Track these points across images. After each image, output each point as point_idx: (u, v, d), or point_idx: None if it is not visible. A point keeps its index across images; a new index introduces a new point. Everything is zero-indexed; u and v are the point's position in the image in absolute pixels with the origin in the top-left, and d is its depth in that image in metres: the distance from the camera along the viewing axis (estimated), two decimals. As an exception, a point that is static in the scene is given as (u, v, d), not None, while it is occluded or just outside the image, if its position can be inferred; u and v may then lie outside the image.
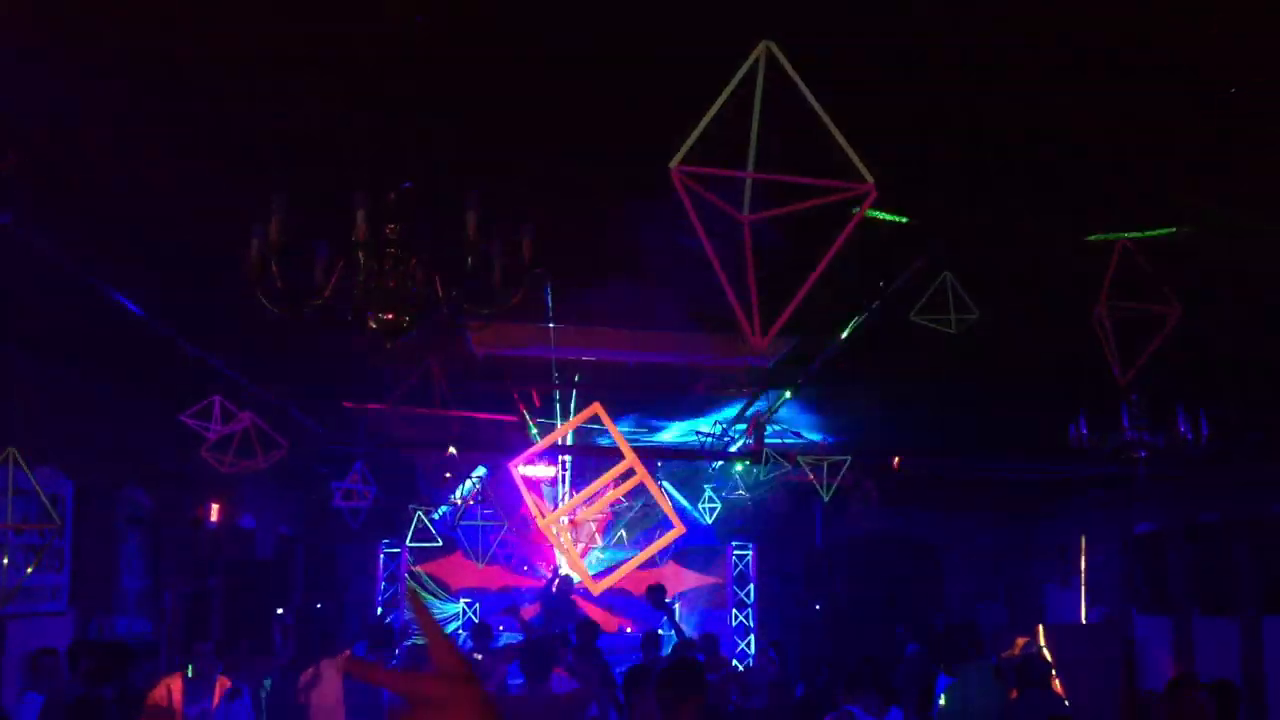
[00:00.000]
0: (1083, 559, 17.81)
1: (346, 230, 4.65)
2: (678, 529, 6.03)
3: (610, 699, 8.67)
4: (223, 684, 8.95)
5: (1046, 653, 9.64)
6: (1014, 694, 8.69)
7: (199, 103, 5.38)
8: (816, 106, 2.97)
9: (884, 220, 4.96)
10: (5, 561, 8.64)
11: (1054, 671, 9.08)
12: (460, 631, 18.52)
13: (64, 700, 8.48)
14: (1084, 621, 17.47)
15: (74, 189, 6.43)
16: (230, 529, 14.74)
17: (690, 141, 2.90)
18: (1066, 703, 9.31)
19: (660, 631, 13.70)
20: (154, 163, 6.11)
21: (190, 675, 8.87)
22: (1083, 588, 17.78)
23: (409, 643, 13.99)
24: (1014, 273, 7.54)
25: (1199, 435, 9.32)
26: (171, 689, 8.66)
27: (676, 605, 18.91)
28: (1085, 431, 9.47)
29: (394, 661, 11.62)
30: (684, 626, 11.06)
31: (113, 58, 4.94)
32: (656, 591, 9.24)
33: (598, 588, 6.35)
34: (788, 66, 2.97)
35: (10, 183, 6.12)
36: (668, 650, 11.77)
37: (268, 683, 11.07)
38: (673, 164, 2.89)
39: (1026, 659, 8.73)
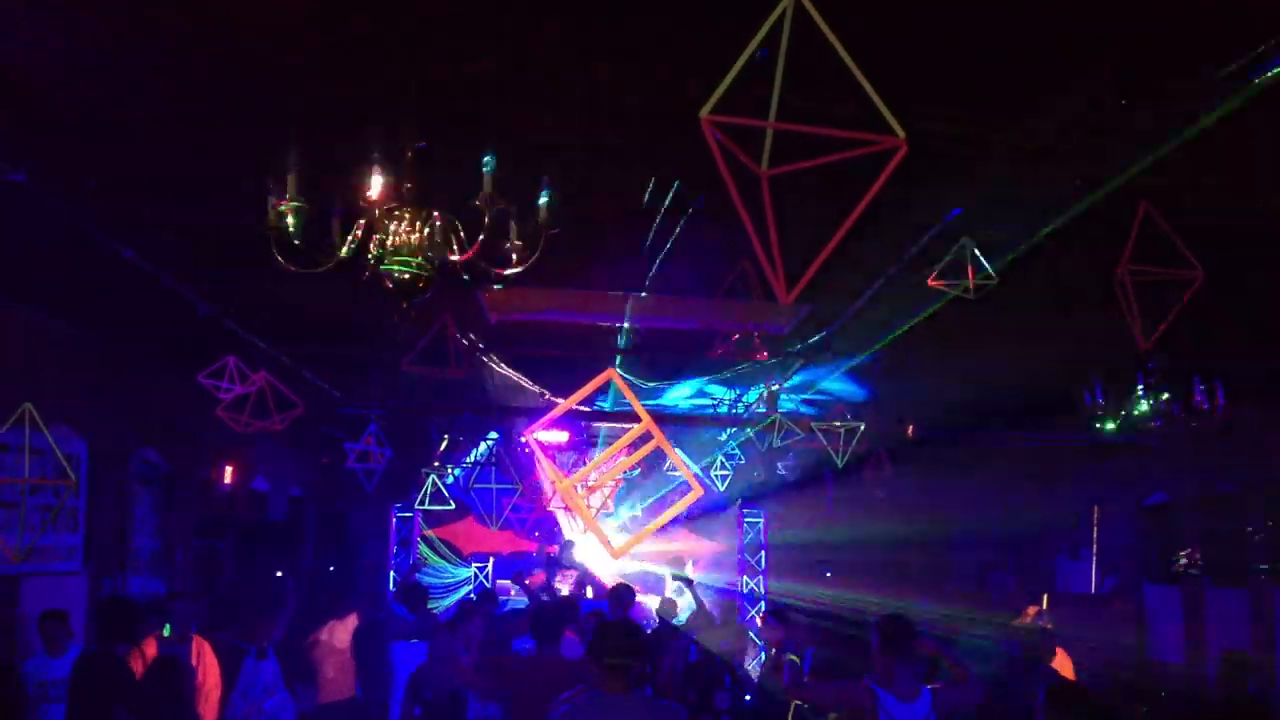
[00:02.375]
0: (1094, 529, 17.77)
1: (364, 190, 4.63)
2: (695, 491, 5.99)
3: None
4: (198, 642, 8.89)
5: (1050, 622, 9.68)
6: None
7: (216, 60, 5.34)
8: (846, 58, 2.93)
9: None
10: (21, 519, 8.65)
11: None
12: (472, 596, 18.58)
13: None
14: (1094, 591, 17.46)
15: (88, 147, 6.40)
16: (243, 490, 14.79)
17: (720, 90, 2.86)
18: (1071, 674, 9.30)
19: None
20: (170, 120, 6.08)
21: (167, 635, 8.79)
22: (1094, 557, 17.76)
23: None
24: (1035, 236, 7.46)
25: (1215, 404, 9.28)
26: (146, 650, 8.58)
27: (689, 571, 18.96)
28: (1100, 399, 9.45)
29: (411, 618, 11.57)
30: (703, 597, 11.05)
31: (127, 12, 4.90)
32: (674, 564, 9.26)
33: (618, 551, 6.33)
34: (817, 16, 2.92)
35: (25, 141, 6.11)
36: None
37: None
38: (703, 113, 2.85)
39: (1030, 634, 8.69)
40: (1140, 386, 9.19)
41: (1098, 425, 9.82)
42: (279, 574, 15.89)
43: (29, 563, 9.52)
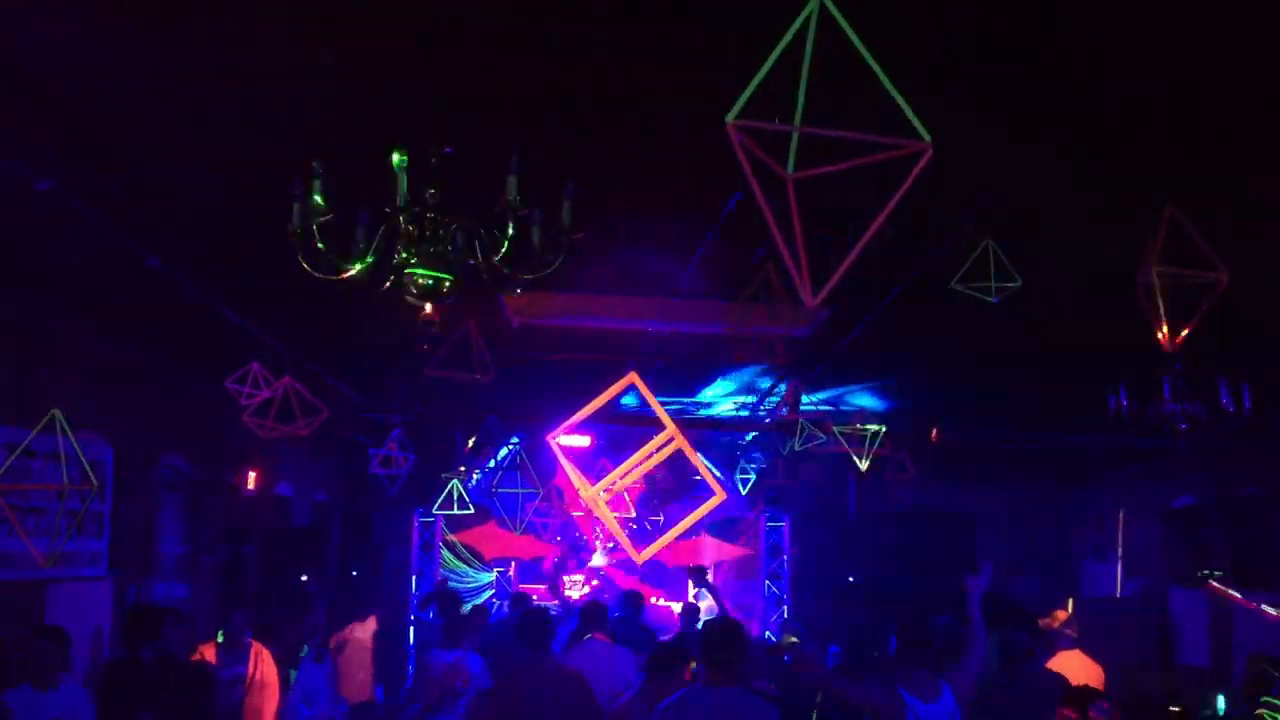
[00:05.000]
0: (1120, 532, 17.67)
1: (387, 195, 4.64)
2: (719, 495, 6.00)
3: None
4: (256, 648, 9.02)
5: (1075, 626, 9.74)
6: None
7: (241, 65, 5.37)
8: (872, 62, 2.93)
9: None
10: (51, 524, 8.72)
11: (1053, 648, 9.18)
12: (495, 600, 18.62)
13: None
14: (1119, 595, 17.36)
15: (114, 154, 6.44)
16: (267, 496, 14.86)
17: (746, 95, 2.86)
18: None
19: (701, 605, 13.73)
20: (195, 127, 6.11)
21: (221, 641, 8.96)
22: (1119, 561, 17.66)
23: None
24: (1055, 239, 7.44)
25: (1241, 407, 9.20)
26: (205, 656, 8.79)
27: (709, 576, 18.93)
28: (1125, 402, 9.37)
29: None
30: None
31: (152, 16, 4.93)
32: (698, 571, 9.27)
33: (641, 557, 6.35)
34: (842, 21, 2.92)
35: (52, 148, 6.15)
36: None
37: (305, 649, 11.18)
38: (729, 118, 2.85)
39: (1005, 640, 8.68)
40: (1166, 389, 9.11)
41: (1122, 428, 9.75)
42: (303, 578, 15.94)
43: (55, 568, 9.58)
